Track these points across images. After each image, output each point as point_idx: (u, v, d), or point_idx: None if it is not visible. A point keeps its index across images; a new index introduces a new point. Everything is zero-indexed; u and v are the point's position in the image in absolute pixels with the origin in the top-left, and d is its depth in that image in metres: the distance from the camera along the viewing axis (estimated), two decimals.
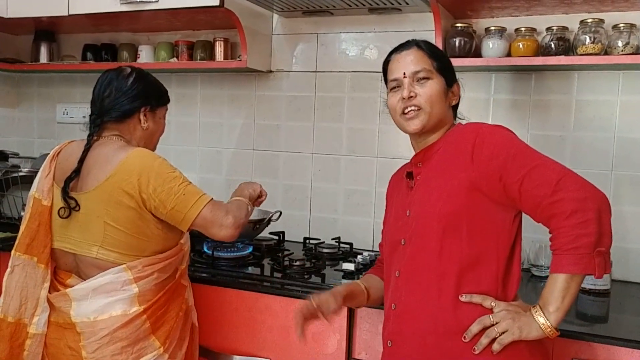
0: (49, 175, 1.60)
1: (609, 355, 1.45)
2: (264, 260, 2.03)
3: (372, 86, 2.31)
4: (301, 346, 1.73)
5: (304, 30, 2.42)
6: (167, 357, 1.56)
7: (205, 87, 2.61)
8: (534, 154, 1.25)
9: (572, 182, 1.19)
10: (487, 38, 1.99)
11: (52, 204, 1.58)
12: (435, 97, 1.35)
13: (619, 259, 1.97)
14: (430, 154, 1.37)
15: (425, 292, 1.28)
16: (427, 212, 1.30)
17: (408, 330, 1.31)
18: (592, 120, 2.03)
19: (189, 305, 1.70)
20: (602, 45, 1.86)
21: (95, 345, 1.49)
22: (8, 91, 2.96)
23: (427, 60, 1.37)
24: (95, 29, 2.69)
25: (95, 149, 1.57)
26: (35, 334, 1.55)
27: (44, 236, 1.57)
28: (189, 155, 2.63)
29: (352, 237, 2.26)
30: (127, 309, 1.50)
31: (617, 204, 2.00)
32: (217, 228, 1.53)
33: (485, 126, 1.32)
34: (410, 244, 1.32)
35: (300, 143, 2.45)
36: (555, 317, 1.19)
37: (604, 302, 1.77)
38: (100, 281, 1.50)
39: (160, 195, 1.48)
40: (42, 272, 1.57)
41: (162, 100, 1.71)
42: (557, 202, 1.18)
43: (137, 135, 1.64)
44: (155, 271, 1.54)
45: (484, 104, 2.15)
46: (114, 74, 1.63)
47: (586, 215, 1.16)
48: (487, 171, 1.25)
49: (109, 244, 1.51)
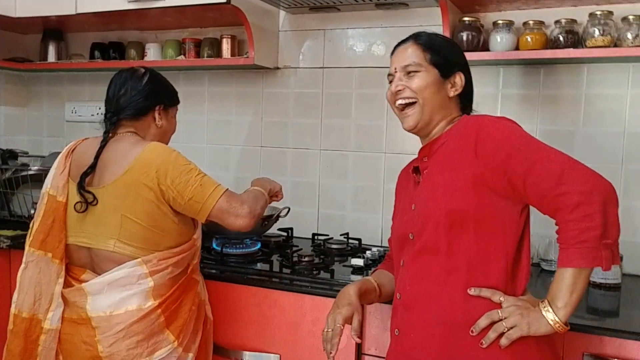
0: (64, 171, 1.62)
1: (620, 349, 1.44)
2: (272, 256, 2.03)
3: (379, 82, 2.30)
4: (311, 342, 1.73)
5: (311, 26, 2.41)
6: (181, 350, 1.57)
7: (213, 85, 2.62)
8: (538, 146, 1.24)
9: (576, 174, 1.18)
10: (495, 32, 1.98)
11: (67, 200, 1.60)
12: (424, 89, 1.35)
13: (630, 253, 1.95)
14: (436, 148, 1.37)
15: (434, 285, 1.28)
16: (433, 208, 1.30)
17: (416, 320, 1.31)
18: (601, 115, 2.02)
19: (201, 299, 1.71)
20: (611, 38, 1.84)
21: (112, 340, 1.50)
22: (17, 90, 2.98)
23: (420, 53, 1.38)
24: (103, 27, 2.71)
25: (111, 145, 1.60)
26: (50, 330, 1.57)
27: (58, 232, 1.59)
28: (197, 152, 2.63)
29: (360, 233, 2.26)
30: (142, 303, 1.52)
31: (627, 198, 1.98)
32: (234, 218, 1.56)
33: (487, 119, 1.31)
34: (419, 238, 1.32)
35: (308, 140, 2.45)
36: (564, 312, 1.18)
37: (614, 297, 1.76)
38: (116, 275, 1.52)
39: (179, 186, 1.51)
40: (57, 268, 1.59)
41: (173, 99, 1.76)
42: (561, 195, 1.17)
43: (152, 133, 1.69)
44: (170, 265, 1.56)
45: (493, 98, 2.14)
46: (128, 74, 1.67)
47: (591, 207, 1.15)
48: (491, 166, 1.24)
49: (125, 237, 1.53)
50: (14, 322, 1.60)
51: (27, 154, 2.77)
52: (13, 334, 1.60)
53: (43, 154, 2.84)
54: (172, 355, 1.55)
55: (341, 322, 1.36)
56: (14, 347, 1.59)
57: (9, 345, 1.60)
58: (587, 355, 1.46)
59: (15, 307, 1.60)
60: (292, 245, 2.18)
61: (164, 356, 1.54)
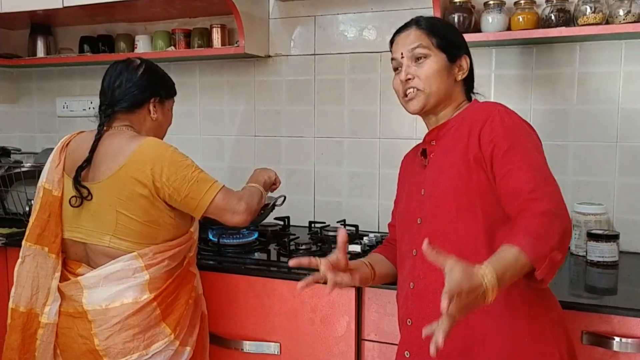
0: (59, 165, 1.61)
1: (619, 326, 1.45)
2: (270, 245, 2.03)
3: (371, 67, 2.29)
4: (310, 329, 1.73)
5: (301, 13, 2.39)
6: (178, 343, 1.57)
7: (204, 75, 2.60)
8: (529, 155, 1.21)
9: (551, 196, 1.16)
10: (486, 13, 1.96)
11: (63, 195, 1.59)
12: (433, 77, 1.34)
13: (627, 230, 1.96)
14: (444, 132, 1.36)
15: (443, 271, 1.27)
16: (440, 191, 1.29)
17: (428, 308, 1.29)
18: (595, 92, 2.01)
19: (198, 293, 1.70)
20: (603, 15, 1.83)
21: (108, 333, 1.50)
22: (7, 87, 2.95)
23: (425, 38, 1.35)
24: (91, 20, 2.68)
25: (106, 139, 1.58)
26: (47, 324, 1.57)
27: (54, 226, 1.59)
28: (190, 143, 2.62)
29: (357, 220, 2.26)
30: (138, 296, 1.52)
31: (624, 175, 1.98)
32: (230, 214, 1.56)
33: (498, 109, 1.29)
34: (427, 222, 1.31)
35: (301, 127, 2.44)
36: (495, 276, 1.04)
37: (612, 274, 1.76)
38: (111, 269, 1.51)
39: (175, 183, 1.50)
40: (53, 262, 1.58)
41: (170, 92, 1.73)
42: (532, 200, 1.14)
43: (147, 126, 1.67)
44: (166, 258, 1.56)
45: (486, 80, 2.13)
46: (124, 66, 1.65)
47: (552, 228, 1.11)
48: (485, 154, 1.24)
49: (121, 233, 1.52)
50: (12, 317, 1.60)
51: (19, 151, 2.75)
52: (11, 328, 1.60)
53: (36, 150, 2.83)
54: (168, 349, 1.55)
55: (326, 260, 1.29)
56: (12, 342, 1.59)
57: (8, 339, 1.60)
58: (586, 333, 1.47)
59: (13, 302, 1.60)
60: (289, 234, 2.18)
61: (160, 349, 1.53)
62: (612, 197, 2.01)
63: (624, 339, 1.44)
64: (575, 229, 1.92)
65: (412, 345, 1.34)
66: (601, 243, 1.81)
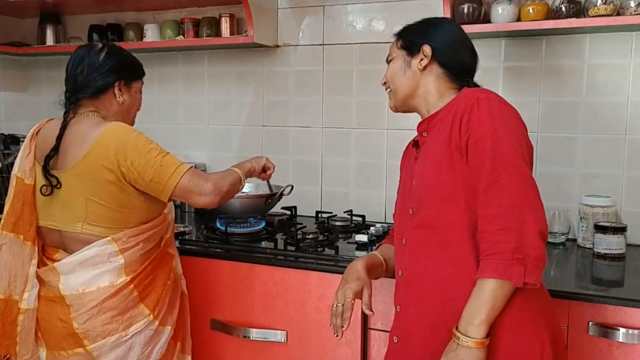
0: (30, 154, 1.61)
1: (626, 317, 1.45)
2: (277, 234, 2.04)
3: (380, 58, 2.26)
4: (317, 318, 1.74)
5: (310, 3, 2.39)
6: (158, 323, 1.58)
7: (213, 65, 2.60)
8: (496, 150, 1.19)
9: (510, 231, 1.16)
10: (496, 3, 1.95)
11: (35, 183, 1.59)
12: (395, 74, 1.42)
13: (635, 223, 1.96)
14: (434, 123, 1.36)
15: (430, 260, 1.28)
16: (425, 182, 1.31)
17: (414, 296, 1.32)
18: (605, 85, 2.00)
19: (177, 273, 1.71)
20: (614, 6, 1.82)
21: (86, 317, 1.51)
22: (16, 75, 2.97)
23: (395, 44, 1.44)
24: (100, 9, 2.68)
25: (72, 127, 1.57)
26: (27, 309, 1.57)
27: (28, 214, 1.59)
28: (198, 133, 2.63)
29: (364, 210, 2.27)
30: (114, 280, 1.52)
31: (632, 168, 1.98)
32: (197, 196, 1.55)
33: (478, 96, 1.26)
34: (417, 213, 1.33)
35: (309, 118, 2.44)
36: (482, 329, 1.16)
37: (619, 266, 1.76)
38: (86, 254, 1.52)
39: (138, 168, 1.49)
40: (30, 250, 1.59)
41: (136, 74, 1.70)
42: (495, 243, 1.16)
43: (114, 110, 1.64)
44: (140, 241, 1.56)
45: (495, 71, 2.12)
46: (85, 51, 1.62)
47: (508, 223, 1.14)
48: (462, 143, 1.24)
49: (92, 219, 1.53)
50: None
51: None
52: None
53: None
54: (148, 329, 1.56)
55: (352, 297, 1.36)
56: None
57: None
58: (593, 324, 1.47)
59: None
60: (296, 223, 2.18)
61: (140, 330, 1.54)
62: (620, 189, 2.00)
63: (630, 330, 1.44)
64: (583, 221, 1.92)
65: (399, 331, 1.37)
66: (608, 235, 1.81)
